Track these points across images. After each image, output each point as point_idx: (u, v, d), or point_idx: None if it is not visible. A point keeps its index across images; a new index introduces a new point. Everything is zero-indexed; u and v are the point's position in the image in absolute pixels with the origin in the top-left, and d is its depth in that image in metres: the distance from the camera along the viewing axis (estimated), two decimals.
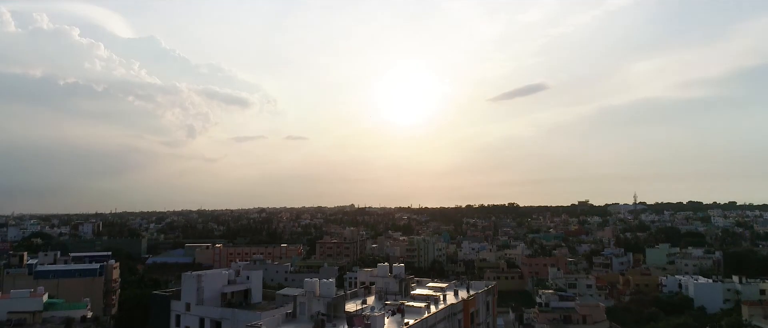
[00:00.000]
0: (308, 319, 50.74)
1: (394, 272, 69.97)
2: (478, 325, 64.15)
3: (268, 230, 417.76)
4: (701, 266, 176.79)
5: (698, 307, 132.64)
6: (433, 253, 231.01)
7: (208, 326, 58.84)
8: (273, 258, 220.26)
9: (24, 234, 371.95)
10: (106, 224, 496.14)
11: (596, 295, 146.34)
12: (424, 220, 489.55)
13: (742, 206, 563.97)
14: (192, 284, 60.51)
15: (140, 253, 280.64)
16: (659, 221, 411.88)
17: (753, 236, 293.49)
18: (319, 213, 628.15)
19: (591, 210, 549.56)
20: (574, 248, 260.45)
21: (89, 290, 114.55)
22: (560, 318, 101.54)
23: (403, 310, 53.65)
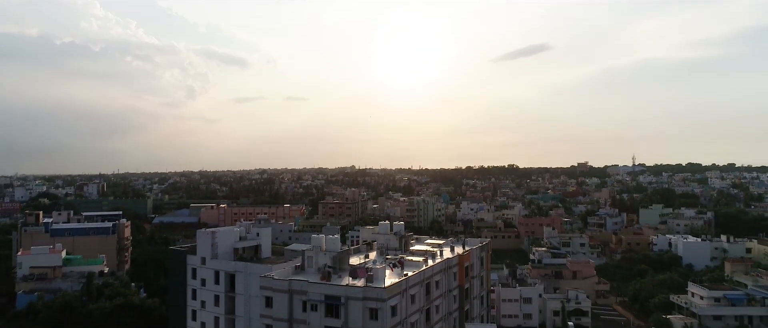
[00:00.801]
0: (316, 271, 55.21)
1: (394, 229, 74.26)
2: (473, 278, 68.95)
3: (270, 190, 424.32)
4: (692, 226, 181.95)
5: (686, 264, 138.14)
6: (433, 213, 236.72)
7: (223, 279, 63.57)
8: (276, 218, 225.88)
9: (31, 195, 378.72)
10: (110, 185, 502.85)
11: (589, 253, 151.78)
12: (424, 181, 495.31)
13: (740, 167, 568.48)
14: (207, 240, 64.89)
15: (146, 213, 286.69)
16: (657, 183, 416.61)
17: (747, 198, 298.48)
18: (320, 174, 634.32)
19: (590, 172, 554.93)
20: (570, 208, 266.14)
21: (103, 248, 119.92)
22: (552, 274, 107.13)
23: (402, 263, 58.13)
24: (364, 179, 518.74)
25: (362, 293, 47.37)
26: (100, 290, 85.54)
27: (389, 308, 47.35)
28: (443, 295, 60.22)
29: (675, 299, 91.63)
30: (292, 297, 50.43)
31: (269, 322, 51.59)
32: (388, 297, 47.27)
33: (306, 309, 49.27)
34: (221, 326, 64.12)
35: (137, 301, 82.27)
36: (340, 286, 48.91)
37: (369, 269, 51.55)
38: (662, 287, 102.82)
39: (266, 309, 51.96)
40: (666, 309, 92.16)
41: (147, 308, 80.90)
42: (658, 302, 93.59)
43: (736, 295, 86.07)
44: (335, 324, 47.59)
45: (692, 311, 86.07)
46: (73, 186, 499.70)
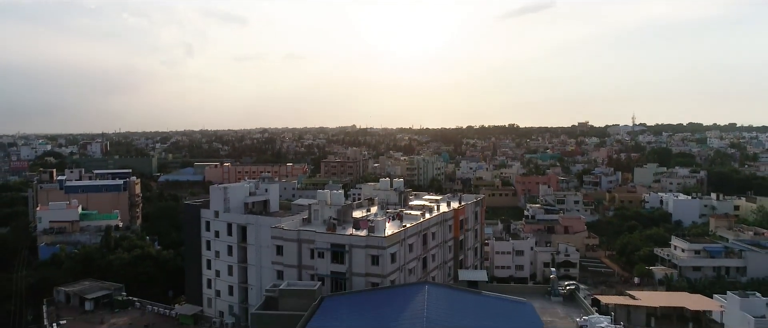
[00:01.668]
0: (321, 223, 59.85)
1: (394, 186, 78.74)
2: (467, 230, 73.87)
3: (271, 150, 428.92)
4: (685, 185, 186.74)
5: (676, 221, 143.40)
6: (432, 172, 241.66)
7: (235, 230, 68.47)
8: (279, 177, 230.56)
9: (36, 153, 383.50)
10: (113, 144, 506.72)
11: (582, 210, 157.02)
12: (424, 140, 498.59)
13: (741, 127, 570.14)
14: (219, 195, 69.45)
15: (151, 171, 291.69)
16: (656, 142, 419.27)
17: (743, 157, 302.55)
18: (321, 134, 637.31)
19: (590, 131, 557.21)
20: (568, 167, 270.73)
21: (115, 204, 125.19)
22: (544, 229, 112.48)
23: (401, 216, 62.74)
24: (365, 139, 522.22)
25: (365, 242, 52.10)
26: (117, 243, 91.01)
27: (389, 255, 52.14)
28: (439, 245, 65.16)
29: (658, 251, 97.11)
30: (301, 246, 55.29)
31: (280, 268, 56.67)
32: (388, 245, 51.99)
33: (314, 256, 54.16)
34: (235, 273, 69.51)
35: (153, 252, 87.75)
36: (344, 235, 53.61)
37: (370, 220, 56.10)
38: (649, 241, 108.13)
39: (277, 257, 56.95)
40: (650, 261, 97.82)
41: (163, 259, 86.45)
42: (642, 254, 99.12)
43: (715, 247, 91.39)
44: (340, 269, 52.57)
45: (674, 262, 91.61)
46: (76, 145, 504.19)
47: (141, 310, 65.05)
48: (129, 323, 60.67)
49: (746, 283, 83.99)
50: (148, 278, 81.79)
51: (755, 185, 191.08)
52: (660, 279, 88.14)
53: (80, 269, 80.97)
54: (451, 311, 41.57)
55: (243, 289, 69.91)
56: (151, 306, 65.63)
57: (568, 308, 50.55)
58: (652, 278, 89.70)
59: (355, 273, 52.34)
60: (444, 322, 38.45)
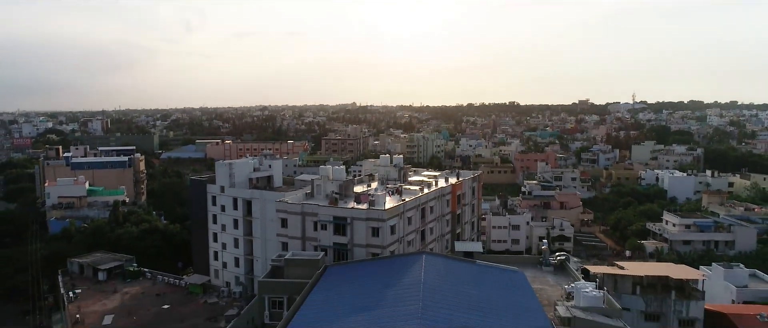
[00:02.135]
0: (324, 197, 62.26)
1: (394, 162, 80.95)
2: (464, 205, 76.41)
3: (272, 127, 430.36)
4: (681, 162, 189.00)
5: (671, 197, 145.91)
6: (432, 149, 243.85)
7: (241, 204, 71.01)
8: (280, 154, 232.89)
9: (38, 131, 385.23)
10: (113, 122, 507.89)
11: (579, 187, 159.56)
12: (425, 118, 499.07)
13: (741, 105, 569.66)
14: (225, 171, 71.79)
15: (153, 149, 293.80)
16: (655, 120, 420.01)
17: (741, 135, 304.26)
18: (322, 111, 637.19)
19: (591, 109, 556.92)
20: (567, 145, 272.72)
21: (120, 180, 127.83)
22: (541, 204, 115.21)
23: (401, 191, 65.13)
24: (366, 116, 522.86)
25: (365, 215, 54.59)
26: (125, 217, 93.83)
27: (389, 227, 54.69)
28: (437, 219, 67.72)
29: (650, 226, 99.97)
30: (305, 219, 57.82)
31: (285, 240, 59.31)
32: (388, 218, 54.49)
33: (317, 228, 56.73)
34: (240, 245, 72.31)
35: (161, 226, 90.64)
36: (346, 209, 56.08)
37: (371, 195, 58.49)
38: (642, 216, 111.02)
39: (282, 229, 59.51)
40: (642, 236, 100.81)
41: (170, 233, 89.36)
42: (635, 229, 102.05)
43: (705, 222, 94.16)
44: (342, 240, 55.20)
45: (665, 236, 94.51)
46: (76, 122, 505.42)
47: (152, 280, 67.99)
48: (141, 292, 63.63)
49: (734, 256, 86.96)
50: (156, 251, 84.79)
51: (751, 162, 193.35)
52: (651, 252, 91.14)
53: (90, 242, 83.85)
54: (447, 277, 44.23)
55: (248, 260, 72.82)
56: (162, 276, 68.55)
57: (558, 277, 53.27)
58: (643, 251, 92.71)
59: (357, 244, 54.97)
60: (440, 287, 41.10)
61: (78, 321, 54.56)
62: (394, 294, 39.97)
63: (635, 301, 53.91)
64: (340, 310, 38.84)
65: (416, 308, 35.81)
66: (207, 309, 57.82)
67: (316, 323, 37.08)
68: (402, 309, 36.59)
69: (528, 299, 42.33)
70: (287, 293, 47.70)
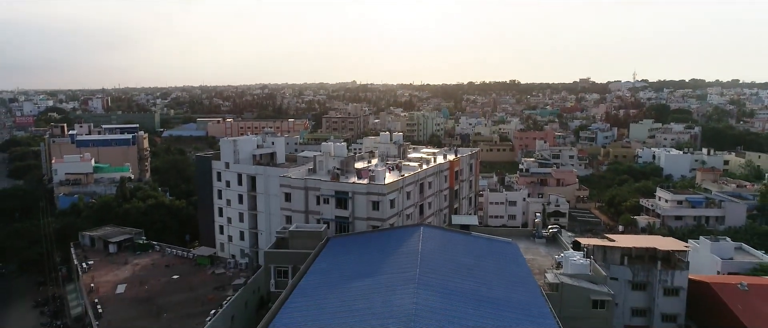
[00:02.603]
0: (326, 173, 64.41)
1: (393, 139, 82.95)
2: (462, 181, 78.73)
3: (272, 105, 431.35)
4: (679, 140, 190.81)
5: (666, 175, 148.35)
6: (432, 128, 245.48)
7: (245, 180, 73.30)
8: (281, 132, 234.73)
9: (39, 109, 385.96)
10: (113, 100, 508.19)
11: (577, 165, 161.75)
12: (425, 96, 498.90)
13: (743, 84, 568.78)
14: (229, 148, 73.89)
15: (154, 127, 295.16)
16: (656, 99, 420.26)
17: (740, 114, 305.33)
18: (322, 90, 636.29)
19: (592, 87, 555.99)
20: (566, 123, 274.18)
21: (125, 157, 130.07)
22: (537, 181, 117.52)
23: (400, 167, 67.26)
24: (366, 95, 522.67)
25: (366, 189, 56.88)
26: (132, 193, 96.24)
27: (388, 201, 57.02)
28: (435, 194, 70.09)
29: (644, 202, 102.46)
30: (308, 193, 60.15)
31: (288, 214, 61.75)
32: (388, 192, 56.78)
33: (319, 203, 59.10)
34: (245, 220, 74.87)
35: (167, 202, 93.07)
36: (347, 183, 58.35)
37: (371, 170, 60.65)
38: (637, 193, 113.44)
39: (286, 203, 61.91)
40: (636, 212, 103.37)
41: (176, 208, 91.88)
42: (629, 205, 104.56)
43: (696, 198, 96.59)
44: (344, 214, 57.62)
45: (657, 212, 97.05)
46: (76, 101, 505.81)
47: (161, 252, 70.63)
48: (151, 263, 66.31)
49: (723, 231, 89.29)
50: (162, 225, 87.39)
51: (748, 140, 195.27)
52: (643, 227, 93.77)
53: (98, 217, 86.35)
54: (443, 247, 46.71)
55: (253, 234, 75.46)
56: (170, 249, 71.17)
57: (550, 248, 55.85)
58: (636, 226, 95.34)
59: (358, 217, 57.40)
60: (436, 256, 43.58)
61: (92, 290, 57.32)
62: (393, 262, 42.48)
63: (623, 271, 56.53)
64: (342, 276, 41.38)
65: (413, 274, 38.33)
66: (215, 279, 60.51)
67: (319, 288, 39.63)
68: (400, 275, 39.12)
69: (520, 267, 44.86)
70: (292, 262, 50.22)
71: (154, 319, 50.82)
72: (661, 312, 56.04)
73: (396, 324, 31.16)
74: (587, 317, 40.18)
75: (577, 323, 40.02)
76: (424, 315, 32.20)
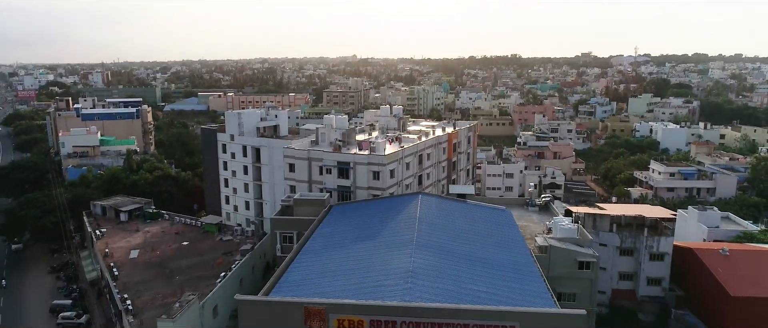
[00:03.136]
0: (328, 144, 66.74)
1: (393, 113, 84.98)
2: (460, 153, 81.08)
3: (273, 80, 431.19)
4: (677, 115, 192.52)
5: (663, 149, 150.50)
6: (432, 102, 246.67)
7: (250, 152, 75.71)
8: (282, 106, 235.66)
9: (39, 83, 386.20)
10: (113, 74, 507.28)
11: (575, 139, 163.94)
12: (426, 71, 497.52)
13: (746, 58, 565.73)
14: (234, 120, 76.07)
15: (155, 101, 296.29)
16: (657, 73, 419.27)
17: (740, 88, 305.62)
18: (322, 64, 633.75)
19: (593, 62, 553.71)
20: (566, 98, 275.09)
21: (129, 131, 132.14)
22: (535, 154, 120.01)
23: (400, 139, 69.53)
24: (366, 69, 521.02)
25: (367, 160, 59.30)
26: (139, 165, 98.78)
27: (388, 171, 59.50)
28: (433, 165, 72.53)
29: (638, 174, 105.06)
30: (311, 164, 62.59)
31: (292, 183, 64.30)
32: (388, 163, 59.21)
33: (322, 173, 61.57)
34: (250, 190, 77.59)
35: (173, 173, 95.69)
36: (349, 154, 60.73)
37: (372, 142, 62.96)
38: (631, 166, 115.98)
39: (290, 173, 64.40)
40: (630, 184, 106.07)
41: (182, 179, 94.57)
42: (623, 177, 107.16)
43: (688, 170, 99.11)
44: (346, 183, 60.19)
45: (650, 184, 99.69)
46: (76, 75, 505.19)
47: (170, 221, 73.42)
48: (161, 231, 69.16)
49: (713, 202, 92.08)
50: (169, 196, 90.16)
51: (746, 115, 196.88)
52: (636, 199, 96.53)
53: (107, 188, 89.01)
54: (440, 213, 49.36)
55: (258, 204, 78.28)
56: (179, 217, 73.96)
57: (542, 216, 58.53)
58: (629, 197, 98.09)
59: (359, 187, 59.97)
60: (433, 221, 46.25)
61: (107, 255, 60.29)
62: (393, 227, 45.18)
63: (611, 237, 59.43)
64: (345, 239, 44.14)
65: (411, 237, 41.05)
66: (223, 245, 63.40)
67: (324, 250, 42.42)
68: (399, 238, 41.86)
69: (512, 231, 47.60)
70: (297, 228, 52.91)
71: (167, 281, 53.88)
72: (646, 276, 59.17)
73: (394, 280, 33.97)
74: (573, 277, 43.04)
75: (564, 283, 42.91)
76: (420, 272, 34.99)
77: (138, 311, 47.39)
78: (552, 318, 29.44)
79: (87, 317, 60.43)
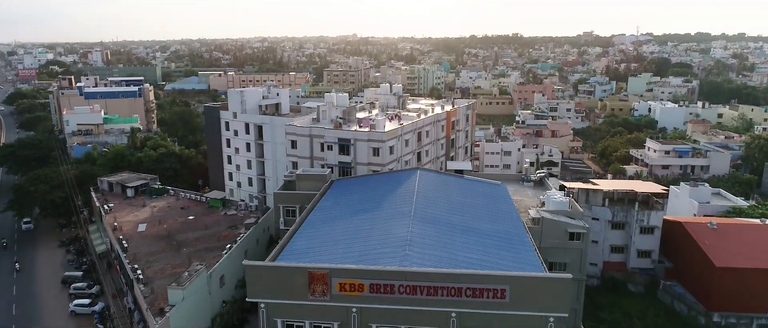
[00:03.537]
0: (329, 122, 68.29)
1: (393, 91, 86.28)
2: (458, 131, 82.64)
3: (273, 59, 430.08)
4: (676, 94, 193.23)
5: (661, 128, 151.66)
6: (432, 81, 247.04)
7: (252, 129, 77.26)
8: (282, 85, 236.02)
9: (39, 62, 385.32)
10: (113, 53, 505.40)
11: (574, 117, 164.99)
12: (426, 50, 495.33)
13: (749, 37, 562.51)
14: (237, 98, 77.44)
15: (156, 80, 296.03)
16: (659, 52, 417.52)
17: (741, 68, 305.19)
18: (322, 43, 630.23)
19: (595, 41, 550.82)
20: (566, 77, 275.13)
21: (132, 109, 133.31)
22: (533, 133, 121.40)
23: (399, 116, 71.03)
24: (367, 48, 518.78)
25: (367, 136, 60.91)
26: (143, 142, 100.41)
27: (388, 147, 61.17)
28: (432, 142, 74.15)
29: (634, 152, 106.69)
30: (312, 140, 64.25)
31: (294, 159, 66.04)
32: (387, 139, 60.85)
33: (323, 149, 63.26)
34: (253, 167, 79.39)
35: (177, 150, 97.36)
36: (349, 131, 62.33)
37: (372, 119, 64.50)
38: (628, 144, 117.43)
39: (292, 150, 66.10)
40: (626, 161, 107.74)
41: (186, 157, 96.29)
42: (619, 155, 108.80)
43: (683, 148, 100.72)
44: (346, 159, 61.92)
45: (645, 161, 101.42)
46: (75, 54, 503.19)
47: (175, 196, 75.36)
48: (167, 205, 71.13)
49: (707, 179, 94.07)
50: (173, 173, 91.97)
51: (744, 94, 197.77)
52: (631, 176, 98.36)
53: (112, 165, 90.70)
54: (437, 187, 51.18)
55: (261, 180, 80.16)
56: (184, 193, 75.90)
57: (537, 191, 60.33)
58: (624, 175, 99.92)
59: (359, 163, 61.72)
60: (431, 195, 48.09)
61: (116, 228, 62.36)
62: (392, 200, 47.04)
63: (604, 212, 61.44)
64: (346, 212, 46.05)
65: (409, 209, 42.92)
66: (227, 219, 65.41)
67: (326, 221, 44.36)
68: (397, 210, 43.74)
69: (506, 204, 49.49)
70: (299, 202, 54.79)
71: (174, 252, 56.01)
72: (637, 249, 61.37)
73: (393, 248, 35.95)
74: (564, 248, 45.05)
75: (555, 253, 44.96)
76: (417, 241, 36.95)
77: (148, 280, 49.59)
78: (539, 281, 31.44)
79: (98, 287, 62.82)
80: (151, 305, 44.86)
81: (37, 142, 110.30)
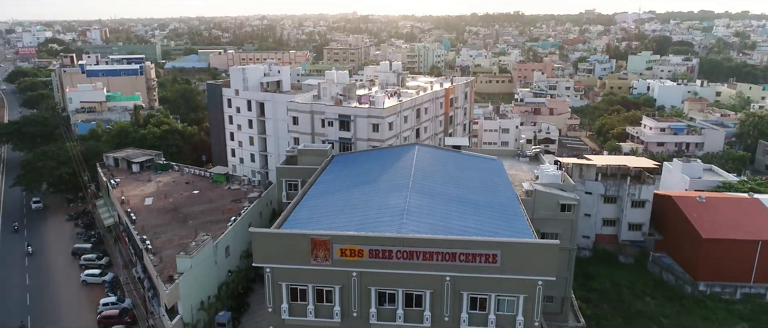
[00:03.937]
0: (329, 98, 69.69)
1: (393, 68, 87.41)
2: (457, 108, 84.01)
3: (272, 37, 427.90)
4: (675, 72, 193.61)
5: (659, 106, 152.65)
6: (433, 59, 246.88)
7: (254, 106, 78.63)
8: (283, 63, 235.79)
9: (38, 41, 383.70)
10: (112, 31, 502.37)
11: (573, 96, 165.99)
12: (427, 28, 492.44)
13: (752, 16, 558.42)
14: (239, 75, 78.62)
15: (156, 58, 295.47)
16: (661, 31, 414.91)
17: (742, 46, 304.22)
18: (322, 21, 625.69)
19: (597, 19, 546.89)
20: (567, 55, 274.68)
21: (134, 87, 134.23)
22: (531, 110, 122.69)
23: (399, 94, 72.43)
24: (367, 26, 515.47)
25: (367, 113, 62.41)
26: (146, 120, 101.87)
27: (387, 124, 62.73)
28: (431, 119, 75.62)
29: (630, 129, 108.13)
30: (313, 117, 65.77)
31: (296, 135, 67.67)
32: (386, 116, 62.35)
33: (324, 125, 64.84)
34: (255, 143, 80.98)
35: (179, 128, 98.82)
36: (350, 108, 63.80)
37: (371, 96, 65.92)
38: (625, 122, 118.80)
39: (293, 126, 67.70)
40: (622, 139, 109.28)
41: (189, 133, 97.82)
42: (616, 132, 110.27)
43: (678, 125, 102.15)
44: (347, 135, 63.54)
45: (641, 139, 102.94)
46: (74, 32, 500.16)
47: (179, 171, 77.04)
48: (172, 180, 72.88)
49: (701, 156, 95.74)
50: (177, 149, 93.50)
51: (744, 72, 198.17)
52: (626, 152, 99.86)
53: (117, 141, 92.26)
54: (435, 162, 52.86)
55: (263, 156, 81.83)
56: (188, 168, 77.59)
57: (532, 166, 61.97)
58: (620, 152, 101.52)
59: (359, 138, 63.37)
60: (428, 168, 49.81)
61: (124, 202, 64.26)
62: (390, 173, 48.81)
63: (596, 186, 63.26)
64: (346, 184, 47.86)
65: (407, 182, 44.68)
66: (232, 193, 67.17)
67: (327, 193, 46.18)
68: (396, 183, 45.51)
69: (501, 178, 51.24)
70: (301, 176, 56.51)
71: (181, 224, 57.95)
72: (628, 222, 63.37)
73: (391, 217, 37.82)
74: (556, 219, 46.90)
75: (547, 223, 46.87)
76: (414, 211, 38.80)
77: (157, 250, 51.65)
78: (529, 247, 33.36)
79: (107, 258, 65.02)
80: (160, 273, 46.96)
81: (42, 120, 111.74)
